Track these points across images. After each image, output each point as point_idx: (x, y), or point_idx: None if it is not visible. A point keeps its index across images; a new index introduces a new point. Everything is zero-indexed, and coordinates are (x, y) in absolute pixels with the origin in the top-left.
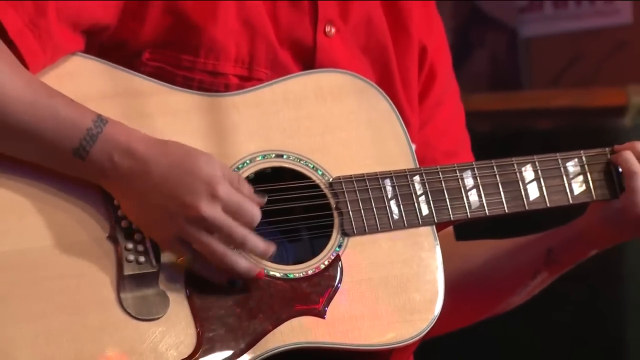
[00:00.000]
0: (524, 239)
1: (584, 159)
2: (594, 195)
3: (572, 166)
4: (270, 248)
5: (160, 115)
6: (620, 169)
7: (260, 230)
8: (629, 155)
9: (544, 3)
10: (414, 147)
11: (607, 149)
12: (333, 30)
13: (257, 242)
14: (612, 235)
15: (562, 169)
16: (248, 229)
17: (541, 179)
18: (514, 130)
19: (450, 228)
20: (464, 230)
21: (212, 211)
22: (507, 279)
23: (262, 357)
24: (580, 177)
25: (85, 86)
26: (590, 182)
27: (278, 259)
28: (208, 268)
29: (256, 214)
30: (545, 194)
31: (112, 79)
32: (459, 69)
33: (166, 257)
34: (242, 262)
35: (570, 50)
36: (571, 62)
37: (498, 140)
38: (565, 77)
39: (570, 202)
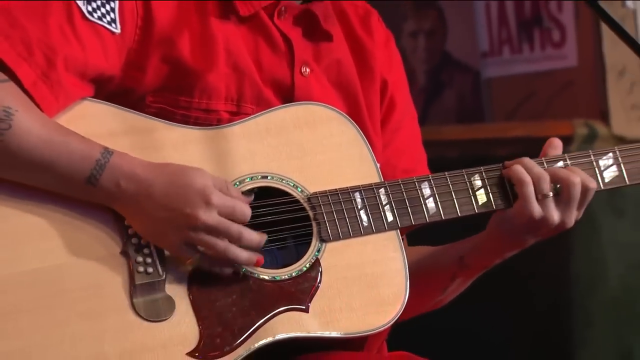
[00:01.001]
0: (442, 247)
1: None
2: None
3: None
4: (264, 237)
5: (162, 148)
6: (511, 179)
7: None
8: (518, 168)
9: (502, 49)
10: (378, 165)
11: (500, 164)
12: (308, 70)
13: (252, 234)
14: (511, 241)
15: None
16: (242, 225)
17: (487, 187)
18: (477, 156)
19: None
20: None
21: (209, 217)
22: (432, 281)
23: (255, 348)
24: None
25: (95, 126)
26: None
27: (267, 263)
28: (214, 264)
29: (247, 211)
30: (492, 199)
31: (119, 118)
32: (431, 104)
33: (171, 266)
34: (242, 253)
35: (525, 88)
36: (525, 98)
37: (464, 164)
38: (520, 111)
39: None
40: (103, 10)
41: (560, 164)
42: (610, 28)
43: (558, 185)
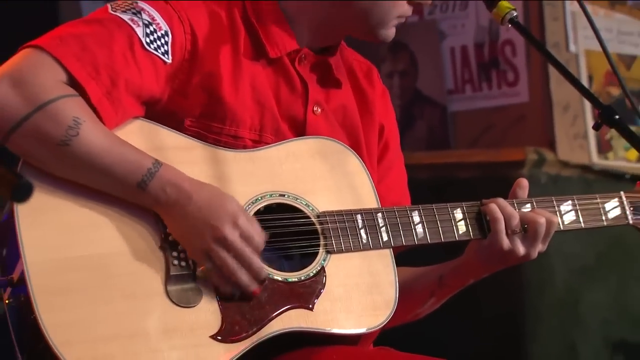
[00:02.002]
0: (424, 268)
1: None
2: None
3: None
4: (265, 273)
5: (195, 164)
6: (487, 217)
7: (271, 247)
8: (493, 206)
9: (465, 87)
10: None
11: (479, 201)
12: (319, 110)
13: (261, 266)
14: (483, 266)
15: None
16: (256, 253)
17: (467, 219)
18: (444, 179)
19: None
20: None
21: (232, 234)
22: (414, 296)
23: (267, 336)
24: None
25: (143, 140)
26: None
27: (281, 267)
28: (220, 279)
29: (262, 243)
30: (470, 229)
31: (163, 136)
32: (405, 134)
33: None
34: (245, 278)
35: (484, 121)
36: (485, 129)
37: (432, 185)
38: (480, 140)
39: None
40: (159, 42)
41: (528, 206)
42: (556, 69)
43: (525, 226)
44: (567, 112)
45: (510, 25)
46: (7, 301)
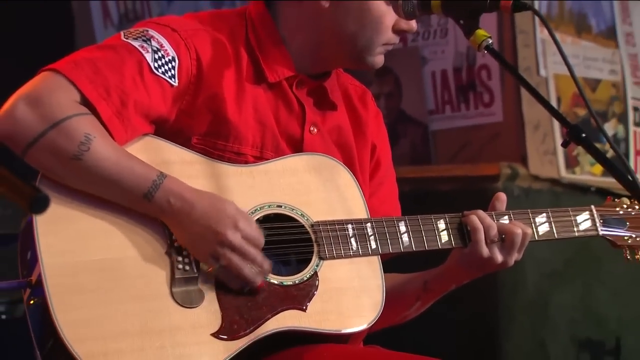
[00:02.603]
0: (410, 275)
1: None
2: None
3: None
4: (270, 266)
5: (200, 177)
6: (468, 226)
7: (269, 253)
8: (474, 217)
9: (445, 108)
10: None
11: (461, 213)
12: (315, 129)
13: (264, 260)
14: (465, 273)
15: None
16: (257, 250)
17: (449, 229)
18: (425, 191)
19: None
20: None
21: (234, 237)
22: (401, 300)
23: (263, 335)
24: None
25: (151, 155)
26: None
27: (276, 272)
28: (229, 277)
29: (262, 241)
30: (452, 239)
31: (170, 152)
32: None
33: (203, 267)
34: (251, 272)
35: (462, 138)
36: (463, 146)
37: (415, 197)
38: (458, 156)
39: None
40: (166, 67)
41: (506, 218)
42: (528, 92)
43: (503, 236)
44: (537, 131)
45: (486, 52)
46: (26, 301)
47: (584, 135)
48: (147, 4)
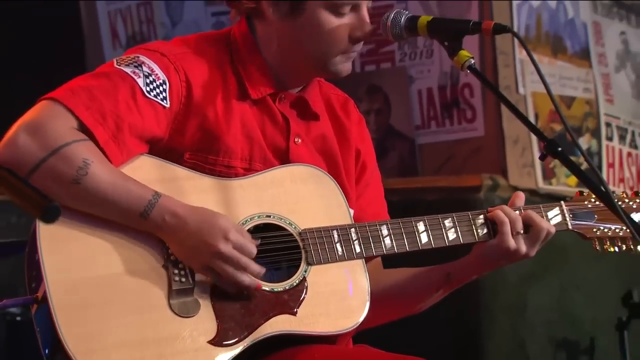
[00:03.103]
0: (429, 268)
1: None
2: (476, 238)
3: (448, 222)
4: (263, 270)
5: (194, 192)
6: (494, 220)
7: (260, 261)
8: (499, 212)
9: (430, 123)
10: (352, 211)
11: (485, 210)
12: (299, 140)
13: (255, 266)
14: (489, 264)
15: (440, 223)
16: (249, 258)
17: (429, 230)
18: (412, 201)
19: (379, 259)
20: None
21: (226, 248)
22: (420, 291)
23: (257, 340)
24: (453, 229)
25: (148, 173)
26: (474, 229)
27: (268, 279)
28: (226, 283)
29: (253, 249)
30: (431, 238)
31: (163, 169)
32: (379, 163)
33: (198, 279)
34: (246, 279)
35: (447, 152)
36: (447, 159)
37: (403, 206)
38: (443, 168)
39: (447, 244)
40: (157, 90)
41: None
42: (508, 108)
43: (530, 227)
44: (517, 145)
45: (468, 71)
46: (34, 315)
47: (560, 149)
48: (153, 27)
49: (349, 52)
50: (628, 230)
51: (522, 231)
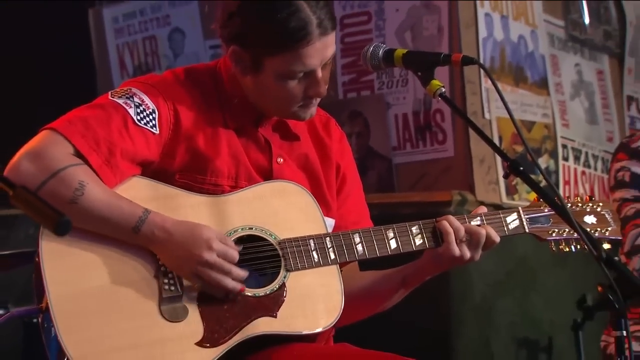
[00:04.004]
0: (391, 270)
1: (421, 225)
2: (427, 244)
3: (415, 229)
4: (246, 273)
5: (183, 208)
6: (440, 230)
7: (243, 268)
8: (445, 222)
9: (406, 145)
10: (331, 221)
11: (434, 219)
12: (282, 160)
13: (238, 270)
14: (438, 267)
15: (408, 230)
16: (232, 264)
17: (397, 237)
18: (389, 214)
19: (356, 264)
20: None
21: (210, 256)
22: (383, 292)
23: (241, 340)
24: (419, 235)
25: (140, 193)
26: (425, 238)
27: (251, 285)
28: (213, 288)
29: (235, 255)
30: (400, 244)
31: (155, 189)
32: (360, 181)
33: (186, 286)
34: (230, 283)
35: (420, 170)
36: (421, 177)
37: (381, 219)
38: (417, 185)
39: (414, 249)
40: (147, 118)
41: (478, 220)
42: (475, 132)
43: (470, 236)
44: (483, 164)
45: (439, 98)
46: (41, 324)
47: (521, 168)
48: (157, 59)
49: (307, 104)
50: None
51: (464, 239)
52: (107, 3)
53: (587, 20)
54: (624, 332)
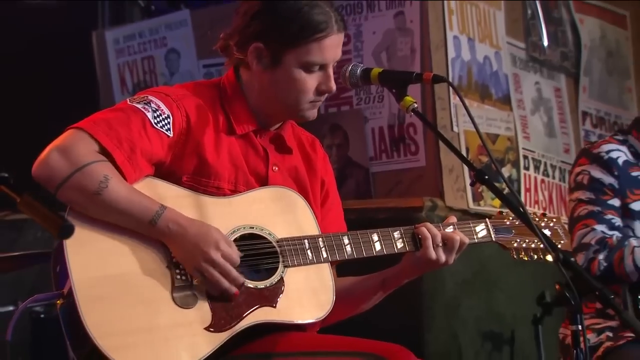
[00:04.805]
0: (368, 276)
1: (402, 231)
2: (407, 248)
3: (397, 234)
4: (241, 279)
5: (191, 207)
6: (419, 235)
7: (246, 264)
8: (423, 228)
9: (382, 155)
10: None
11: (413, 225)
12: (277, 168)
13: (236, 273)
14: (416, 271)
15: (390, 235)
16: (232, 266)
17: (381, 240)
18: (367, 219)
19: (334, 270)
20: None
21: (216, 255)
22: (363, 294)
23: (244, 327)
24: (400, 239)
25: (154, 191)
26: (406, 242)
27: (253, 278)
28: (209, 285)
29: (237, 259)
30: (384, 247)
31: (167, 188)
32: (339, 188)
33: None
34: (226, 284)
35: (395, 179)
36: (395, 184)
37: (359, 224)
38: (392, 192)
39: (396, 251)
40: (163, 122)
41: (451, 228)
42: (444, 143)
43: (445, 241)
44: (451, 173)
45: (412, 113)
46: (59, 307)
47: (486, 177)
48: (155, 77)
49: (315, 102)
50: (538, 243)
51: (441, 244)
52: (109, 26)
53: (546, 43)
54: (580, 327)
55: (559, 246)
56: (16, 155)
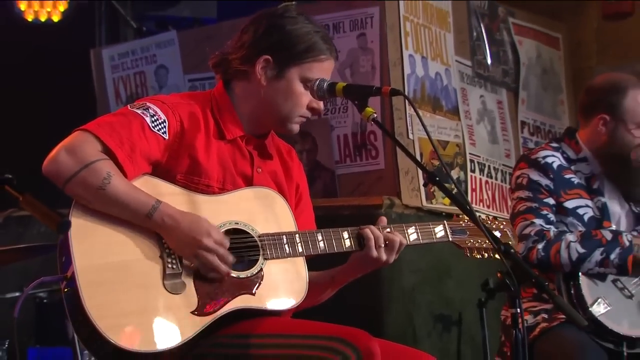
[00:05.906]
0: (322, 272)
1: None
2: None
3: (345, 233)
4: (234, 259)
5: (184, 203)
6: (363, 236)
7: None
8: (367, 230)
9: (346, 159)
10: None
11: (358, 227)
12: (260, 170)
13: (229, 256)
14: (361, 268)
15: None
16: (225, 250)
17: (351, 237)
18: (333, 215)
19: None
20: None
21: (209, 241)
22: (316, 290)
23: (225, 312)
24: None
25: (151, 189)
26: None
27: (235, 268)
28: (206, 269)
29: (227, 244)
30: (352, 244)
31: (163, 186)
32: (309, 188)
33: (185, 266)
34: (223, 267)
35: (358, 180)
36: (358, 185)
37: (326, 219)
38: (355, 191)
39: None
40: (160, 126)
41: (388, 229)
42: (400, 149)
43: (387, 242)
44: (407, 175)
45: (372, 122)
46: (63, 289)
47: (437, 178)
48: (145, 90)
49: (304, 117)
50: (489, 243)
51: (383, 245)
52: (106, 45)
53: (489, 61)
54: (518, 310)
55: None
56: (20, 160)
